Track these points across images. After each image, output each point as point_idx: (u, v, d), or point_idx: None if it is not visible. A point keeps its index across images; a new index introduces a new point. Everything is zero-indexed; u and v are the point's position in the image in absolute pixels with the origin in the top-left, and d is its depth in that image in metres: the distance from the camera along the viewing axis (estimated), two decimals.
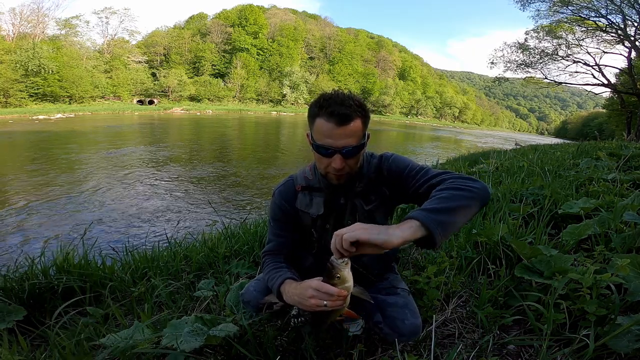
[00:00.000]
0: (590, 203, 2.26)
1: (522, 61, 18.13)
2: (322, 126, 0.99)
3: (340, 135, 0.98)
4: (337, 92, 1.02)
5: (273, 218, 1.25)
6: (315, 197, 1.18)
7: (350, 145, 0.99)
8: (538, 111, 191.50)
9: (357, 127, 0.99)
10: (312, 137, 1.04)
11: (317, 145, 1.02)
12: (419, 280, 1.40)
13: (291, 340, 1.20)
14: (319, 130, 1.00)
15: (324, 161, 1.04)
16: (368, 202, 1.15)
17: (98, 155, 11.69)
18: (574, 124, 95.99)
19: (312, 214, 1.18)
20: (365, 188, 1.14)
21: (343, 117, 0.96)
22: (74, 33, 47.54)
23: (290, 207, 1.21)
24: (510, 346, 1.20)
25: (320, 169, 1.11)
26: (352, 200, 1.16)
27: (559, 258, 1.36)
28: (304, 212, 1.19)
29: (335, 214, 1.18)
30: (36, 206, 6.31)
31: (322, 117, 0.98)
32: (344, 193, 1.15)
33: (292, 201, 1.21)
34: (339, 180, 1.09)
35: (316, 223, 1.20)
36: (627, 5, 14.22)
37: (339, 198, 1.16)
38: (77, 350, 1.13)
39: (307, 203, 1.19)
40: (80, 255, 1.80)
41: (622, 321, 1.04)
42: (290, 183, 1.23)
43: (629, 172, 3.79)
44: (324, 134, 0.99)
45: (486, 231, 1.72)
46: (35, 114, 29.24)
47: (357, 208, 1.15)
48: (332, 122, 0.97)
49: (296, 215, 1.21)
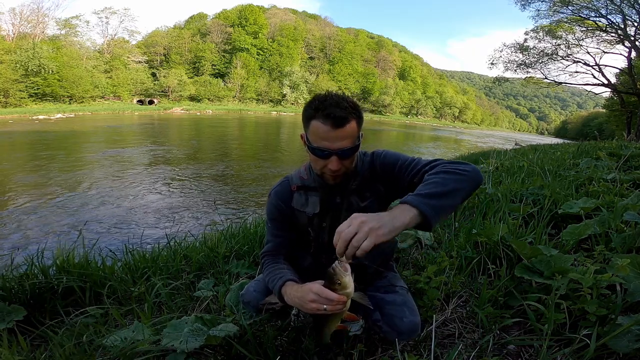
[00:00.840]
0: (590, 203, 2.26)
1: (521, 61, 18.12)
2: (319, 128, 0.99)
3: (336, 138, 0.99)
4: (331, 94, 1.02)
5: (270, 218, 1.26)
6: (310, 197, 1.19)
7: (346, 147, 1.01)
8: (538, 111, 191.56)
9: (352, 128, 1.01)
10: (308, 138, 1.05)
11: (313, 147, 1.03)
12: (419, 280, 1.40)
13: (291, 340, 1.20)
14: (314, 133, 1.01)
15: (320, 162, 1.05)
16: (363, 198, 1.17)
17: (98, 155, 11.69)
18: (574, 124, 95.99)
19: (308, 212, 1.19)
20: (359, 185, 1.16)
21: (339, 119, 0.97)
22: (74, 33, 47.55)
23: (286, 207, 1.22)
24: (510, 346, 1.20)
25: (316, 170, 1.12)
26: (348, 198, 1.17)
27: (559, 258, 1.36)
28: (300, 211, 1.20)
29: (332, 213, 1.19)
30: (36, 206, 6.30)
31: (318, 119, 0.99)
32: (339, 192, 1.17)
33: (288, 201, 1.22)
34: (335, 180, 1.11)
35: (312, 222, 1.21)
36: (627, 5, 14.22)
37: (335, 197, 1.17)
38: (77, 350, 1.13)
39: (303, 202, 1.20)
40: (80, 255, 1.80)
41: (623, 321, 1.04)
42: (285, 183, 1.24)
43: (629, 172, 3.79)
44: (320, 136, 1.00)
45: (486, 231, 1.72)
46: (35, 114, 29.22)
47: (353, 205, 1.17)
48: (328, 125, 0.98)
49: (292, 214, 1.22)
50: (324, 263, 1.26)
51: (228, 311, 1.34)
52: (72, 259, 1.76)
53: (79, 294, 1.60)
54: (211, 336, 1.07)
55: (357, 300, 0.94)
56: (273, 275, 1.15)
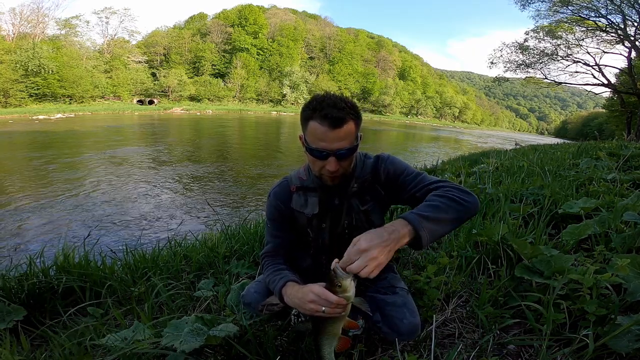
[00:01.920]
0: (590, 203, 2.26)
1: (521, 61, 18.11)
2: (316, 129, 0.99)
3: (334, 138, 0.99)
4: (330, 95, 1.03)
5: (270, 219, 1.27)
6: (310, 197, 1.19)
7: (344, 148, 1.01)
8: (538, 111, 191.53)
9: (350, 129, 1.00)
10: (306, 139, 1.05)
11: (311, 148, 1.03)
12: (419, 280, 1.40)
13: (291, 340, 1.20)
14: (312, 133, 1.01)
15: (318, 163, 1.06)
16: (364, 202, 1.17)
17: (98, 155, 11.68)
18: (574, 124, 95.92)
19: (307, 213, 1.19)
20: (360, 188, 1.16)
21: (336, 120, 0.97)
22: (74, 33, 47.54)
23: (285, 207, 1.22)
24: (510, 346, 1.20)
25: (314, 171, 1.12)
26: (348, 200, 1.17)
27: (559, 258, 1.36)
28: (299, 212, 1.21)
29: (331, 214, 1.19)
30: (36, 206, 6.30)
31: (316, 120, 0.99)
32: (338, 193, 1.17)
33: (288, 202, 1.22)
34: (333, 181, 1.11)
35: (312, 223, 1.21)
36: (627, 5, 14.21)
37: (334, 198, 1.18)
38: (77, 350, 1.13)
39: (302, 203, 1.20)
40: (80, 256, 1.80)
41: (622, 321, 1.04)
42: (285, 184, 1.25)
43: (629, 172, 3.79)
44: (318, 136, 1.00)
45: (486, 231, 1.72)
46: (35, 114, 29.23)
47: (353, 208, 1.17)
48: (325, 125, 0.98)
49: (292, 215, 1.22)
50: (323, 264, 1.26)
51: (228, 311, 1.34)
52: (72, 259, 1.75)
53: (79, 294, 1.60)
54: (211, 336, 1.06)
55: (357, 305, 0.94)
56: (273, 276, 1.15)
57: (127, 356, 1.04)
